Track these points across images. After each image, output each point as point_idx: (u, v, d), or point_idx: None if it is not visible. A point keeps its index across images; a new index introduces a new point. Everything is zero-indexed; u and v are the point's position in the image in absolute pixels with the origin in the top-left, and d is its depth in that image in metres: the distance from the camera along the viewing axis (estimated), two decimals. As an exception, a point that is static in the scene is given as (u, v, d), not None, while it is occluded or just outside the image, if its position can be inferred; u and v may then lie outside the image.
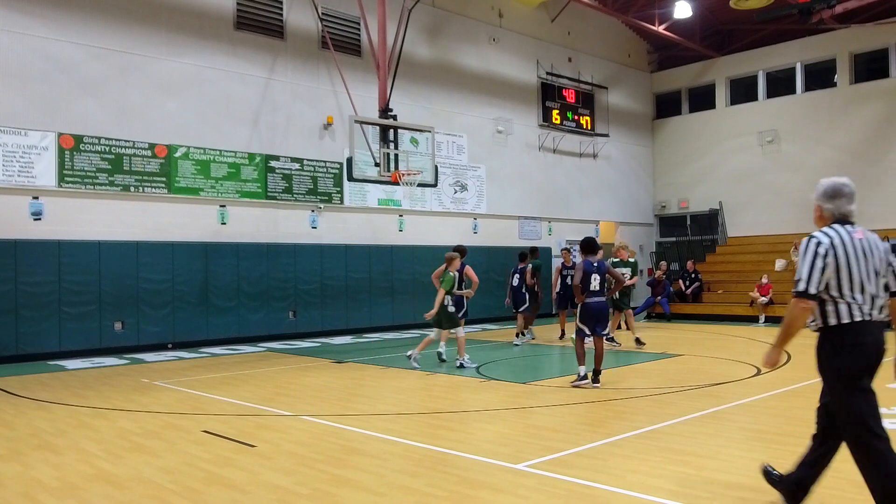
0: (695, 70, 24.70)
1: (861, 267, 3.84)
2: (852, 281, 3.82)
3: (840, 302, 3.83)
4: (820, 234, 3.89)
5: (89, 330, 13.09)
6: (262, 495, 4.77)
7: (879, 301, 3.90)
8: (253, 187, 15.54)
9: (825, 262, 3.81)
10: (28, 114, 12.78)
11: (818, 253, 3.83)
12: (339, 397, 8.57)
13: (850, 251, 3.83)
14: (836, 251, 3.82)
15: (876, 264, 3.89)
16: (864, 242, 3.90)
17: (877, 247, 3.93)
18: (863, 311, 3.82)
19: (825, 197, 4.04)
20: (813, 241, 3.87)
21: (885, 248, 3.97)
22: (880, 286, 3.91)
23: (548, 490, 4.77)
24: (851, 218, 3.97)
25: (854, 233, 3.91)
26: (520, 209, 21.13)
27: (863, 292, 3.83)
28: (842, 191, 4.01)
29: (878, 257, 3.91)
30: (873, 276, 3.87)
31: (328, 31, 16.57)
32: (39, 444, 6.32)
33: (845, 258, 3.82)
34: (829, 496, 4.52)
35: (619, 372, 10.16)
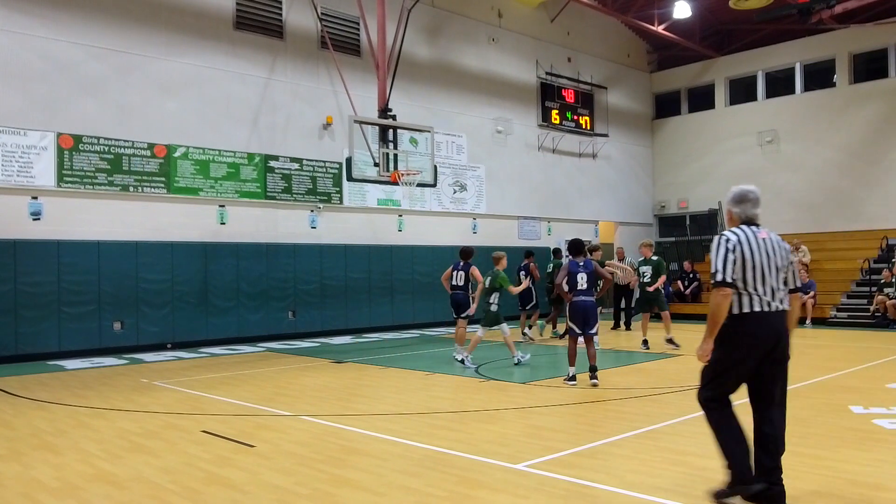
0: (694, 70, 24.71)
1: (763, 262, 4.31)
2: (755, 275, 4.29)
3: (743, 294, 4.29)
4: (728, 233, 4.39)
5: (89, 330, 13.09)
6: (262, 495, 4.77)
7: (780, 294, 4.37)
8: (252, 187, 15.54)
9: (734, 255, 4.28)
10: (27, 113, 12.77)
11: (728, 248, 4.30)
12: (338, 397, 8.56)
13: (754, 248, 4.32)
14: (741, 247, 4.30)
15: (777, 261, 4.36)
16: (768, 241, 4.38)
17: (779, 245, 4.43)
18: (762, 303, 4.30)
19: (734, 202, 4.51)
20: (723, 238, 4.36)
21: (786, 248, 4.47)
22: (780, 281, 4.38)
23: (547, 490, 4.77)
24: (756, 220, 4.47)
25: (758, 233, 4.40)
26: (519, 209, 21.13)
27: (764, 285, 4.30)
28: (748, 196, 4.48)
29: (780, 255, 4.39)
30: (774, 271, 4.34)
31: (328, 31, 16.57)
32: (39, 445, 6.32)
33: (750, 254, 4.30)
34: (829, 496, 4.52)
35: (618, 372, 10.16)
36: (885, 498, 4.50)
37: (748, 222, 4.45)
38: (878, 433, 6.22)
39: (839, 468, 5.16)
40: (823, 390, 8.41)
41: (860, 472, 5.03)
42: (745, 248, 4.30)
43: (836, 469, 5.14)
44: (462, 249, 12.20)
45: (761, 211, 4.51)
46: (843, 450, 5.64)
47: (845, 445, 5.77)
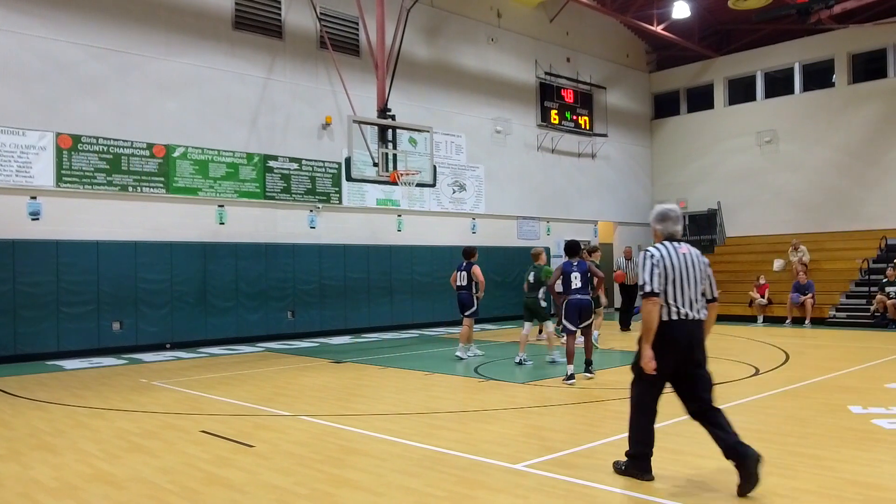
0: (693, 70, 24.71)
1: (682, 275, 4.76)
2: (675, 286, 4.74)
3: (664, 304, 4.73)
4: (652, 249, 4.85)
5: (87, 330, 13.08)
6: (261, 495, 4.76)
7: (697, 305, 4.80)
8: (251, 187, 15.53)
9: (658, 269, 4.74)
10: (26, 113, 12.76)
11: (652, 262, 4.77)
12: (337, 397, 8.56)
13: (674, 262, 4.77)
14: (664, 261, 4.76)
15: (695, 274, 4.81)
16: (687, 256, 4.83)
17: (698, 259, 4.88)
18: (680, 312, 4.73)
19: (657, 220, 4.99)
20: (647, 254, 4.83)
21: (704, 262, 4.92)
22: (698, 292, 4.82)
23: (547, 490, 4.76)
24: (677, 236, 4.94)
25: (679, 248, 4.85)
26: (518, 209, 21.13)
27: (683, 296, 4.75)
28: (669, 215, 4.95)
29: (698, 269, 4.84)
30: (693, 283, 4.78)
31: (327, 31, 16.56)
32: (38, 445, 6.31)
33: (671, 267, 4.76)
34: (827, 496, 4.52)
35: (618, 372, 10.16)
36: (884, 498, 4.50)
37: (670, 238, 4.92)
38: (877, 433, 6.22)
39: (838, 468, 5.16)
40: (822, 390, 8.42)
41: (859, 472, 5.03)
42: (666, 262, 4.76)
43: (836, 469, 5.14)
44: (464, 250, 12.25)
45: (759, 212, 4.59)
46: (843, 450, 5.64)
47: (844, 445, 5.77)
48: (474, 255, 12.09)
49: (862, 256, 19.02)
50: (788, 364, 10.66)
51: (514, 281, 20.29)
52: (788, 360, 11.13)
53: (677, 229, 4.95)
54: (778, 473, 5.04)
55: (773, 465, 5.26)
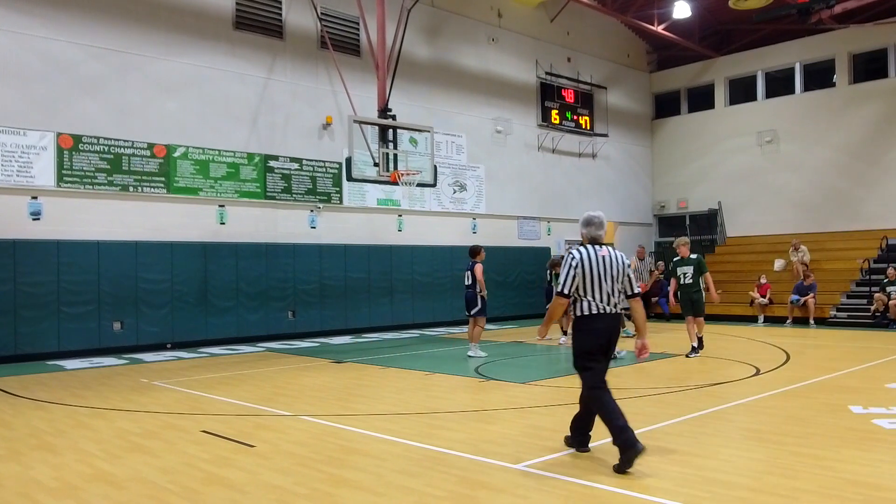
0: (694, 70, 24.71)
1: (600, 275, 5.36)
2: (593, 284, 5.35)
3: (584, 300, 5.39)
4: (574, 251, 5.41)
5: (88, 330, 13.08)
6: (261, 495, 4.76)
7: (615, 299, 5.41)
8: (252, 187, 15.53)
9: (576, 271, 5.35)
10: (27, 113, 12.77)
11: (572, 265, 5.36)
12: (338, 397, 8.56)
13: (593, 264, 5.36)
14: (583, 263, 5.36)
15: (613, 273, 5.39)
16: (606, 258, 5.42)
17: (617, 261, 5.45)
18: (598, 306, 5.36)
19: (583, 225, 5.60)
20: (569, 257, 5.40)
21: (624, 262, 5.50)
22: (616, 289, 5.42)
23: (547, 490, 4.76)
24: (599, 240, 5.52)
25: (600, 251, 5.44)
26: (519, 209, 21.13)
27: (601, 292, 5.36)
28: (592, 221, 5.55)
29: (616, 268, 5.42)
30: (610, 281, 5.37)
31: (327, 31, 16.57)
32: (38, 445, 6.31)
33: (589, 268, 5.35)
34: (827, 496, 4.52)
35: (618, 372, 10.15)
36: (884, 498, 4.50)
37: (593, 241, 5.51)
38: (877, 433, 6.22)
39: (839, 468, 5.16)
40: (823, 390, 8.41)
41: (860, 472, 5.03)
42: (585, 265, 5.36)
43: (836, 469, 5.14)
44: (470, 249, 12.31)
45: (760, 211, 4.65)
46: (843, 450, 5.64)
47: (845, 445, 5.77)
48: (477, 254, 12.08)
49: (862, 256, 19.01)
50: (789, 364, 10.66)
51: (515, 281, 20.33)
52: (789, 360, 11.13)
53: (600, 234, 5.55)
54: (778, 473, 5.04)
55: (773, 465, 5.26)
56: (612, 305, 5.40)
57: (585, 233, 5.59)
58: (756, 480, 4.90)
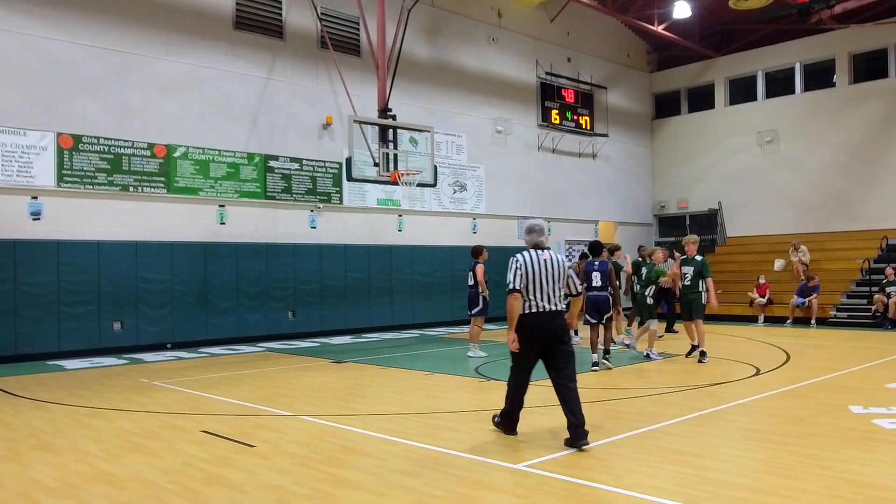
0: (694, 70, 24.71)
1: (541, 277, 5.98)
2: (534, 286, 5.97)
3: (526, 300, 5.99)
4: (518, 255, 6.10)
5: (88, 330, 13.08)
6: (261, 495, 4.76)
7: (555, 299, 6.02)
8: (252, 187, 15.53)
9: (521, 271, 5.99)
10: (27, 113, 12.77)
11: (516, 266, 6.04)
12: (338, 397, 8.56)
13: (535, 267, 6.00)
14: (525, 266, 6.01)
15: (553, 275, 6.03)
16: (547, 261, 6.06)
17: (557, 263, 6.09)
18: (538, 305, 5.97)
19: (525, 232, 6.28)
20: (513, 260, 6.07)
21: (565, 265, 6.14)
22: (557, 289, 6.04)
23: (547, 490, 4.76)
24: (541, 245, 6.18)
25: (541, 255, 6.09)
26: (519, 209, 21.12)
27: (541, 293, 5.97)
28: (534, 228, 6.24)
29: (557, 271, 6.06)
30: (551, 282, 6.00)
31: (327, 31, 16.56)
32: (38, 445, 6.31)
33: (532, 271, 5.99)
34: (827, 496, 4.52)
35: (618, 372, 10.16)
36: (884, 498, 4.50)
37: (535, 246, 6.16)
38: (877, 433, 6.22)
39: (839, 468, 5.16)
40: (823, 390, 8.42)
41: (860, 472, 5.03)
42: (527, 267, 6.00)
43: (836, 469, 5.14)
44: (472, 249, 12.37)
45: (760, 211, 4.65)
46: (843, 450, 5.64)
47: (845, 445, 5.77)
48: (479, 254, 12.14)
49: (863, 256, 19.01)
50: (789, 364, 10.66)
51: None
52: (789, 360, 11.13)
53: (541, 240, 6.22)
54: (778, 473, 5.04)
55: (773, 465, 5.27)
56: (553, 304, 6.02)
57: (528, 239, 6.25)
58: (756, 480, 4.90)
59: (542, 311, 5.97)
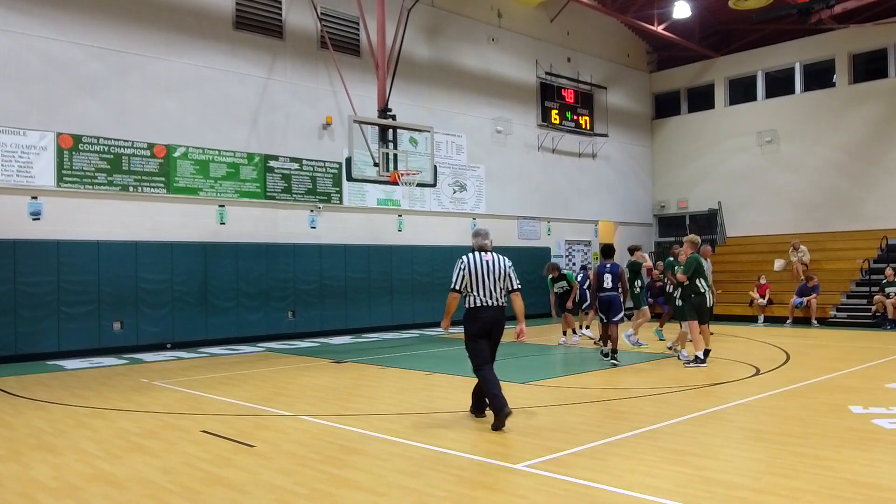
0: (694, 70, 24.71)
1: (483, 275, 6.81)
2: (477, 283, 6.80)
3: (470, 295, 6.84)
4: (464, 257, 6.91)
5: (88, 330, 13.08)
6: (262, 495, 4.77)
7: (496, 294, 6.83)
8: (252, 187, 15.53)
9: (464, 272, 6.83)
10: (27, 113, 12.77)
11: (460, 268, 6.86)
12: (338, 397, 8.56)
13: (477, 267, 6.83)
14: (469, 266, 6.84)
15: (494, 274, 6.83)
16: (489, 262, 6.88)
17: (498, 263, 6.91)
18: (482, 300, 6.80)
19: (472, 237, 7.13)
20: (459, 261, 6.90)
21: (506, 264, 6.95)
22: (498, 286, 6.84)
23: (546, 490, 4.76)
24: (485, 248, 6.98)
25: (484, 256, 6.92)
26: (519, 209, 21.13)
27: (483, 289, 6.80)
28: (479, 233, 7.10)
29: (498, 270, 6.86)
30: (492, 280, 6.81)
31: (327, 31, 16.57)
32: (38, 445, 6.31)
33: (474, 270, 6.82)
34: (827, 496, 4.52)
35: (618, 372, 10.16)
36: (884, 498, 4.50)
37: (479, 249, 6.97)
38: (877, 433, 6.22)
39: (839, 468, 5.16)
40: (823, 390, 8.42)
41: (860, 472, 5.03)
42: (471, 267, 6.83)
43: (836, 469, 5.14)
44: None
45: (759, 211, 4.62)
46: (843, 450, 5.64)
47: (845, 445, 5.77)
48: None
49: (863, 256, 19.01)
50: (789, 364, 10.66)
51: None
52: (789, 360, 11.13)
53: (485, 243, 7.03)
54: (778, 473, 5.04)
55: (773, 465, 5.27)
56: (494, 300, 6.83)
57: (474, 242, 7.07)
58: (756, 480, 4.90)
59: (484, 306, 6.81)
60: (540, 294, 20.89)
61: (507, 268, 6.92)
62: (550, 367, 11.32)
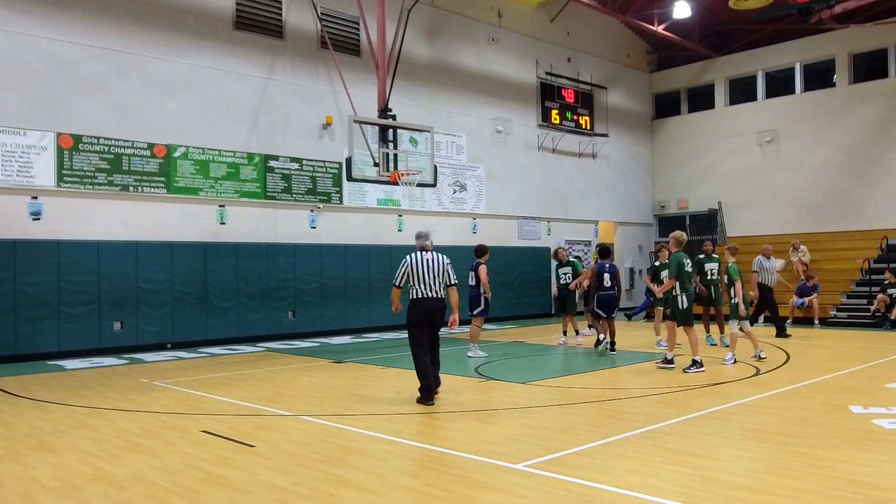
0: (694, 70, 24.71)
1: (423, 272, 8.01)
2: (417, 278, 8.00)
3: (412, 288, 8.01)
4: (407, 256, 8.14)
5: (88, 330, 13.08)
6: (261, 495, 4.77)
7: (435, 288, 8.00)
8: (252, 187, 15.53)
9: (406, 269, 8.06)
10: (27, 113, 12.77)
11: (404, 266, 8.10)
12: (338, 397, 8.57)
13: (418, 264, 8.04)
14: (411, 264, 8.07)
15: (434, 270, 8.04)
16: (429, 261, 8.09)
17: (436, 261, 8.12)
18: (422, 293, 7.98)
19: (416, 238, 8.31)
20: (404, 259, 8.13)
21: (444, 262, 8.17)
22: (437, 280, 8.03)
23: (546, 490, 4.76)
24: (426, 248, 8.18)
25: (425, 255, 8.13)
26: (519, 209, 21.13)
27: (424, 283, 7.97)
28: (420, 235, 8.31)
29: (436, 267, 8.07)
30: (431, 276, 8.01)
31: (327, 31, 16.57)
32: (38, 445, 6.31)
33: (415, 267, 8.03)
34: (827, 496, 4.52)
35: (617, 372, 10.16)
36: (884, 498, 4.50)
37: (421, 249, 8.16)
38: (877, 433, 6.22)
39: (839, 468, 5.16)
40: (823, 390, 8.42)
41: (859, 472, 5.03)
42: (412, 265, 8.05)
43: (836, 469, 5.14)
44: (476, 248, 12.47)
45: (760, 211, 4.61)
46: (843, 449, 5.64)
47: (845, 445, 5.77)
48: (483, 254, 12.19)
49: (863, 256, 19.01)
50: (789, 364, 10.66)
51: (515, 281, 20.32)
52: (789, 360, 11.13)
53: (426, 244, 8.20)
54: (778, 473, 5.04)
55: (773, 465, 5.27)
56: (433, 292, 7.99)
57: (417, 243, 8.23)
58: (756, 480, 4.90)
59: (424, 297, 7.97)
60: (539, 294, 20.95)
61: (445, 265, 8.11)
62: (550, 367, 11.32)
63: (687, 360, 10.29)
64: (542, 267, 20.99)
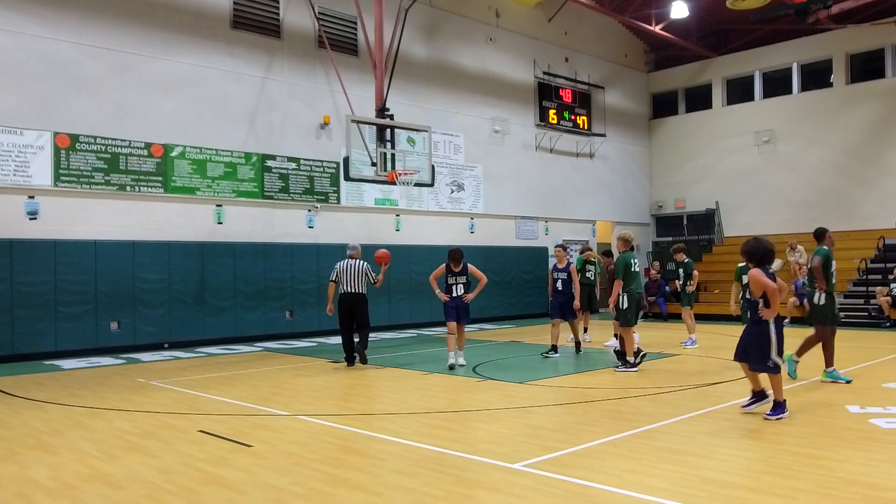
0: (691, 70, 24.74)
1: (348, 273, 10.82)
2: (344, 279, 10.80)
3: (340, 285, 10.79)
4: (338, 263, 11.00)
5: (85, 330, 13.06)
6: (259, 495, 4.76)
7: (356, 286, 10.78)
8: (249, 187, 15.52)
9: (337, 271, 10.87)
10: (23, 113, 12.74)
11: (336, 269, 10.93)
12: (335, 397, 8.56)
13: (345, 268, 10.87)
14: (340, 269, 10.87)
15: (355, 274, 10.81)
16: (351, 266, 10.86)
17: (358, 267, 10.88)
18: (346, 289, 10.76)
19: (347, 249, 11.19)
20: (336, 264, 10.94)
21: (363, 268, 10.89)
22: (357, 280, 10.81)
23: (544, 490, 4.76)
24: (355, 256, 10.94)
25: (350, 262, 10.88)
26: (516, 209, 21.14)
27: (347, 283, 10.76)
28: (349, 247, 11.11)
29: (357, 271, 10.84)
30: (353, 278, 10.81)
31: (325, 31, 16.55)
32: (35, 444, 6.30)
33: (343, 270, 10.85)
34: (826, 495, 4.53)
35: (615, 372, 10.16)
36: (881, 497, 4.51)
37: (349, 258, 10.90)
38: (874, 433, 6.23)
39: (836, 467, 5.17)
40: (820, 390, 8.43)
41: (857, 472, 5.04)
42: (341, 269, 10.86)
43: (833, 468, 5.15)
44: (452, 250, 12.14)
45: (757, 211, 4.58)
46: (840, 449, 5.65)
47: (842, 445, 5.78)
48: (458, 257, 11.86)
49: (860, 256, 19.03)
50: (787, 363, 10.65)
51: (513, 281, 20.33)
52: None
53: (353, 253, 10.99)
54: (776, 472, 5.04)
55: (770, 465, 5.27)
56: (354, 289, 10.74)
57: (348, 253, 11.00)
58: (754, 480, 4.91)
59: (347, 293, 10.74)
60: (538, 294, 20.95)
61: (363, 269, 10.87)
62: (550, 368, 11.31)
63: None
64: (540, 267, 20.98)
